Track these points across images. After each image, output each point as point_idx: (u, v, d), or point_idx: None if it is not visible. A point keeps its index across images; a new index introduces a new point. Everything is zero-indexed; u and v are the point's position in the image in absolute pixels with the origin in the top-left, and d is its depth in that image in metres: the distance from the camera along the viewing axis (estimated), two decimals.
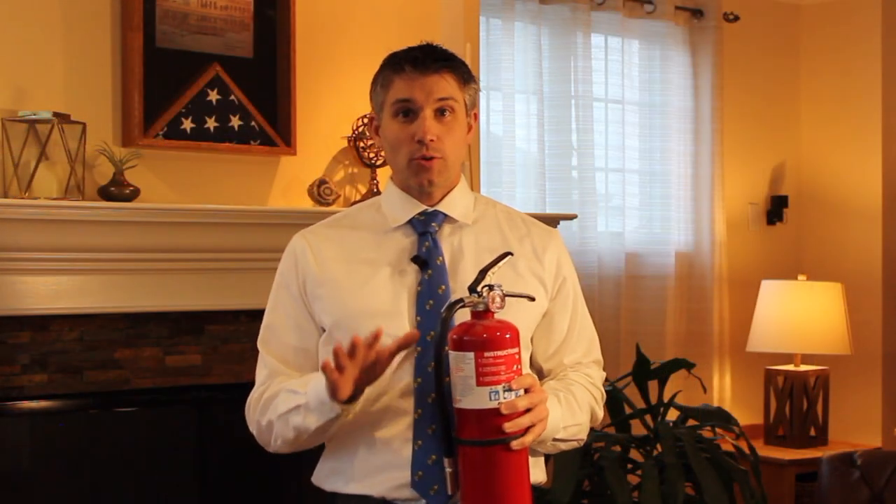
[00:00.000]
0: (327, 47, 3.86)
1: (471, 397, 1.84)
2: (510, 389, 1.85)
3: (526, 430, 1.87)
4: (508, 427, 1.84)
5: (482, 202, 2.19)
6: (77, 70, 3.40)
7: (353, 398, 1.94)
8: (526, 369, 2.10)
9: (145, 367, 3.46)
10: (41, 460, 3.35)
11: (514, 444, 1.86)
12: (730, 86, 5.24)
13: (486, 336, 1.84)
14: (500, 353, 1.84)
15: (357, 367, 1.90)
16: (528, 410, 1.87)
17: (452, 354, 1.86)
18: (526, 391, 1.88)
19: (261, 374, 2.15)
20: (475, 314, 1.88)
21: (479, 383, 1.84)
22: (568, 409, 2.05)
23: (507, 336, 1.86)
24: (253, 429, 2.14)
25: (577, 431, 2.09)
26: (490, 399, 1.84)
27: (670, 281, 5.03)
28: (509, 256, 1.94)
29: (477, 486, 1.87)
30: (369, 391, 2.00)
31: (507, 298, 1.90)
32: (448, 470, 1.91)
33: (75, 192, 3.28)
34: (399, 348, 1.91)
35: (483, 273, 1.89)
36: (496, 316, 1.88)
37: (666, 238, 5.08)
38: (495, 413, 1.84)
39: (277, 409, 2.05)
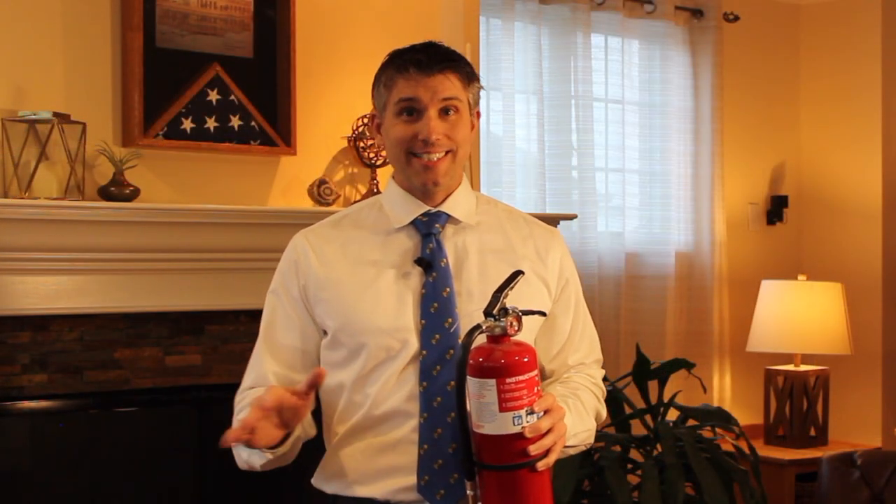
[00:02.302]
0: (327, 47, 3.86)
1: (494, 423, 1.82)
2: (532, 412, 1.84)
3: (548, 450, 1.86)
4: (533, 450, 1.83)
5: (484, 202, 2.18)
6: (77, 70, 3.40)
7: (283, 439, 1.94)
8: None
9: (145, 367, 3.46)
10: (41, 460, 3.35)
11: (539, 466, 1.85)
12: (730, 86, 5.24)
13: (506, 362, 1.82)
14: (521, 377, 1.82)
15: (275, 420, 1.88)
16: (549, 431, 1.86)
17: (472, 381, 1.84)
18: (546, 411, 1.87)
19: (248, 376, 2.14)
20: (492, 338, 1.85)
21: (502, 409, 1.82)
22: (577, 416, 2.04)
23: (527, 360, 1.84)
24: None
25: (587, 437, 2.09)
26: (514, 424, 1.82)
27: (670, 281, 5.03)
28: (521, 276, 1.92)
29: None
30: (376, 395, 2.00)
31: (537, 312, 1.91)
32: (469, 493, 1.89)
33: (75, 192, 3.28)
34: (309, 388, 1.88)
35: (498, 295, 1.86)
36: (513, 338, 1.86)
37: (666, 238, 5.08)
38: (519, 437, 1.83)
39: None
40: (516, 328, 1.85)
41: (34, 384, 3.28)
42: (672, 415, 4.08)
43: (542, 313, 1.97)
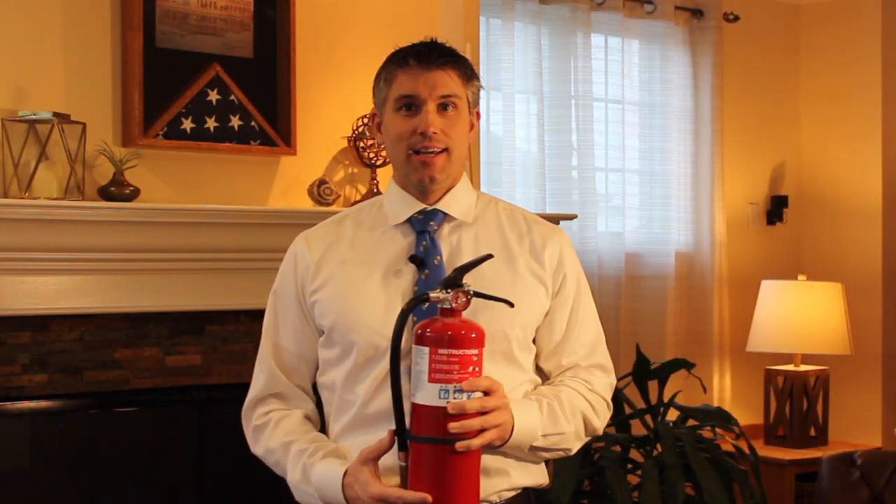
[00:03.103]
0: (327, 47, 3.86)
1: (422, 392, 1.84)
2: (461, 391, 1.83)
3: (476, 434, 1.85)
4: (453, 427, 1.83)
5: (484, 200, 2.17)
6: (77, 70, 3.40)
7: None
8: (528, 375, 2.09)
9: (145, 367, 3.46)
10: (41, 460, 3.35)
11: (459, 446, 1.83)
12: (730, 86, 5.24)
13: (444, 333, 1.83)
14: (455, 351, 1.82)
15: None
16: (481, 414, 1.85)
17: (414, 348, 1.86)
18: (486, 394, 1.86)
19: (258, 378, 2.14)
20: (442, 311, 1.86)
21: (430, 379, 1.83)
22: (549, 417, 2.01)
23: (471, 336, 1.85)
24: (247, 435, 2.16)
25: (560, 440, 2.04)
26: (440, 397, 1.83)
27: (670, 281, 5.03)
28: (490, 258, 1.93)
29: (422, 483, 1.85)
30: (364, 394, 2.01)
31: (499, 299, 1.89)
32: (401, 464, 1.90)
33: (75, 192, 3.28)
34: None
35: (459, 271, 1.88)
36: (464, 315, 1.87)
37: (666, 238, 5.08)
38: (444, 412, 1.83)
39: (281, 468, 2.09)
40: (462, 303, 1.85)
41: (34, 384, 3.28)
42: (672, 415, 4.09)
43: (509, 302, 1.95)
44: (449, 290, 1.85)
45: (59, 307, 3.28)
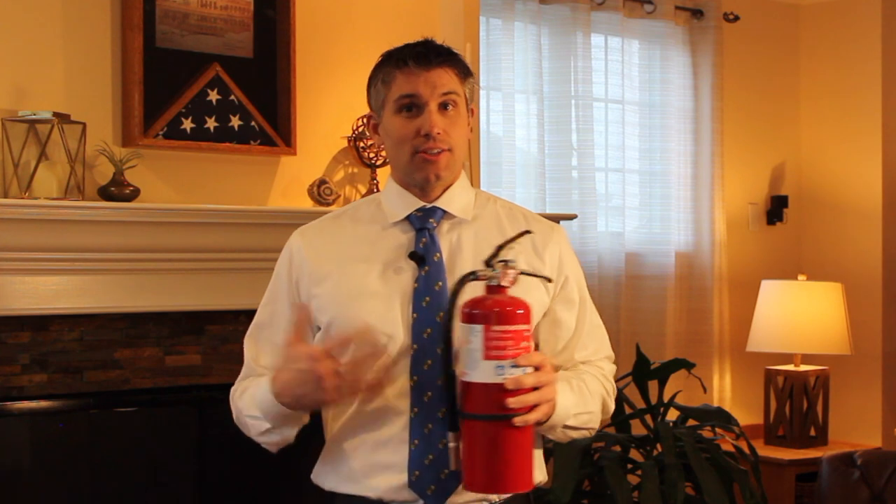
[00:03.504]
0: (327, 47, 3.86)
1: (477, 371, 1.82)
2: (517, 366, 1.83)
3: (531, 409, 1.85)
4: (512, 403, 1.82)
5: (483, 198, 2.18)
6: (77, 70, 3.40)
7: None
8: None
9: (145, 367, 3.46)
10: (41, 460, 3.35)
11: (517, 421, 1.83)
12: (730, 86, 5.24)
13: (496, 309, 1.83)
14: (509, 327, 1.82)
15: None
16: (535, 389, 1.85)
17: (461, 327, 1.85)
18: (536, 369, 1.86)
19: (242, 374, 2.17)
20: (489, 288, 1.86)
21: (485, 356, 1.82)
22: (580, 397, 2.03)
23: (519, 312, 1.84)
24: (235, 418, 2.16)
25: (588, 420, 2.07)
26: (496, 373, 1.82)
27: (670, 281, 5.03)
28: (528, 234, 1.94)
29: (478, 460, 1.85)
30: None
31: (541, 276, 1.91)
32: (451, 444, 1.89)
33: (75, 192, 3.28)
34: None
35: (500, 248, 1.88)
36: (509, 292, 1.86)
37: (666, 238, 5.08)
38: (500, 388, 1.82)
39: (241, 416, 2.08)
40: (511, 279, 1.85)
41: (34, 384, 3.28)
42: (672, 415, 4.09)
43: (547, 278, 1.97)
44: (495, 268, 1.85)
45: (59, 307, 3.28)
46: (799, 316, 4.99)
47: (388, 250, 2.07)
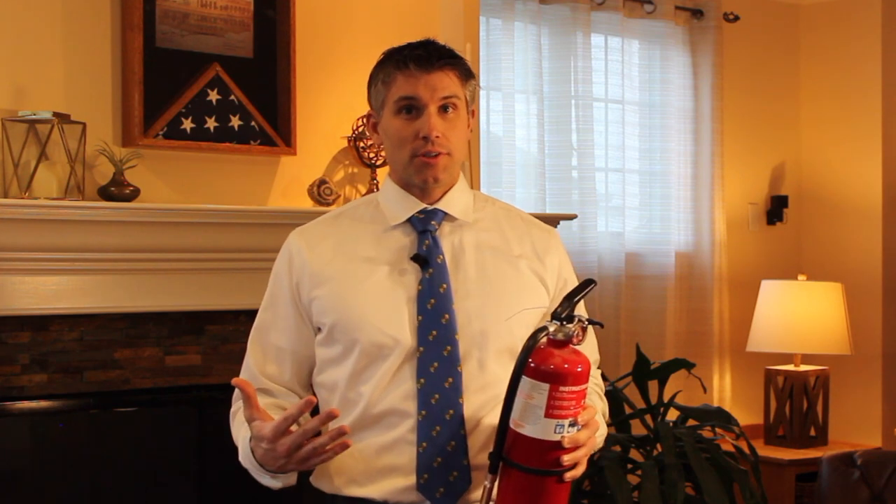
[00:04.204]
0: (327, 47, 3.86)
1: (536, 426, 1.82)
2: (575, 424, 1.84)
3: (578, 463, 1.87)
4: (566, 460, 1.84)
5: (482, 200, 2.17)
6: (77, 70, 3.40)
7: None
8: None
9: (145, 367, 3.46)
10: (41, 460, 3.35)
11: (567, 477, 1.85)
12: (730, 86, 5.24)
13: (566, 370, 1.82)
14: (574, 388, 1.82)
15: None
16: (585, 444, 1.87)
17: (526, 380, 1.83)
18: (584, 425, 1.87)
19: (242, 375, 2.15)
20: (552, 342, 1.85)
21: (548, 415, 1.82)
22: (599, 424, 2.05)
23: (581, 370, 1.84)
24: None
25: (599, 443, 2.07)
26: (555, 432, 1.82)
27: (670, 281, 5.03)
28: (593, 286, 1.92)
29: None
30: (371, 394, 2.00)
31: (597, 323, 1.90)
32: (487, 484, 1.89)
33: (75, 192, 3.28)
34: (297, 415, 1.89)
35: (569, 300, 1.86)
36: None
37: (666, 238, 5.08)
38: (556, 445, 1.83)
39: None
40: (581, 337, 1.85)
41: (34, 384, 3.28)
42: (672, 415, 4.08)
43: (601, 324, 1.96)
44: (566, 323, 1.84)
45: (59, 307, 3.28)
46: (799, 316, 4.99)
47: (391, 252, 2.06)
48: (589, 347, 2.19)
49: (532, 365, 1.83)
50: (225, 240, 3.48)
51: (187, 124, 3.51)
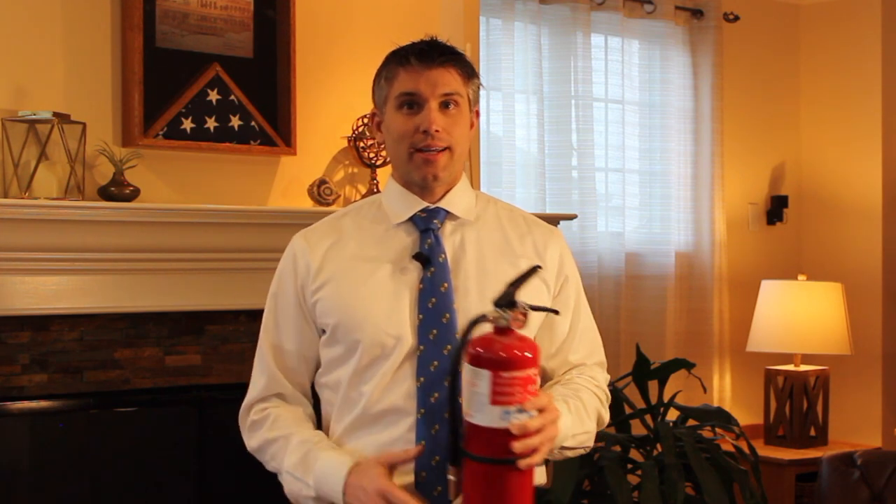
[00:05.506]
0: (327, 47, 3.86)
1: (483, 414, 1.80)
2: (523, 410, 1.81)
3: (533, 450, 1.84)
4: (518, 448, 1.81)
5: (483, 199, 2.18)
6: (77, 70, 3.40)
7: None
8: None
9: (145, 367, 3.46)
10: (41, 460, 3.35)
11: (522, 464, 1.82)
12: (730, 86, 5.24)
13: (504, 355, 1.79)
14: (517, 373, 1.79)
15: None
16: (538, 431, 1.84)
17: (468, 368, 1.82)
18: (539, 411, 1.84)
19: (258, 380, 2.14)
20: (497, 329, 1.83)
21: (492, 402, 1.79)
22: (577, 417, 2.03)
23: (528, 355, 1.81)
24: (243, 433, 2.15)
25: (586, 439, 2.07)
26: (502, 419, 1.80)
27: (670, 281, 5.03)
28: (539, 270, 1.91)
29: (479, 500, 1.84)
30: (371, 393, 2.00)
31: (549, 310, 1.89)
32: (451, 478, 1.88)
33: (75, 192, 3.28)
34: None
35: (511, 288, 1.85)
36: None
37: (666, 238, 5.08)
38: (506, 433, 1.80)
39: (278, 460, 2.07)
40: (521, 322, 1.82)
41: (34, 384, 3.29)
42: (672, 415, 4.08)
43: (555, 311, 1.95)
44: (506, 309, 1.82)
45: (59, 307, 3.28)
46: (799, 316, 5.00)
47: (393, 251, 2.07)
48: (592, 347, 2.20)
49: (472, 352, 1.81)
50: (225, 240, 3.48)
51: (187, 124, 3.51)
